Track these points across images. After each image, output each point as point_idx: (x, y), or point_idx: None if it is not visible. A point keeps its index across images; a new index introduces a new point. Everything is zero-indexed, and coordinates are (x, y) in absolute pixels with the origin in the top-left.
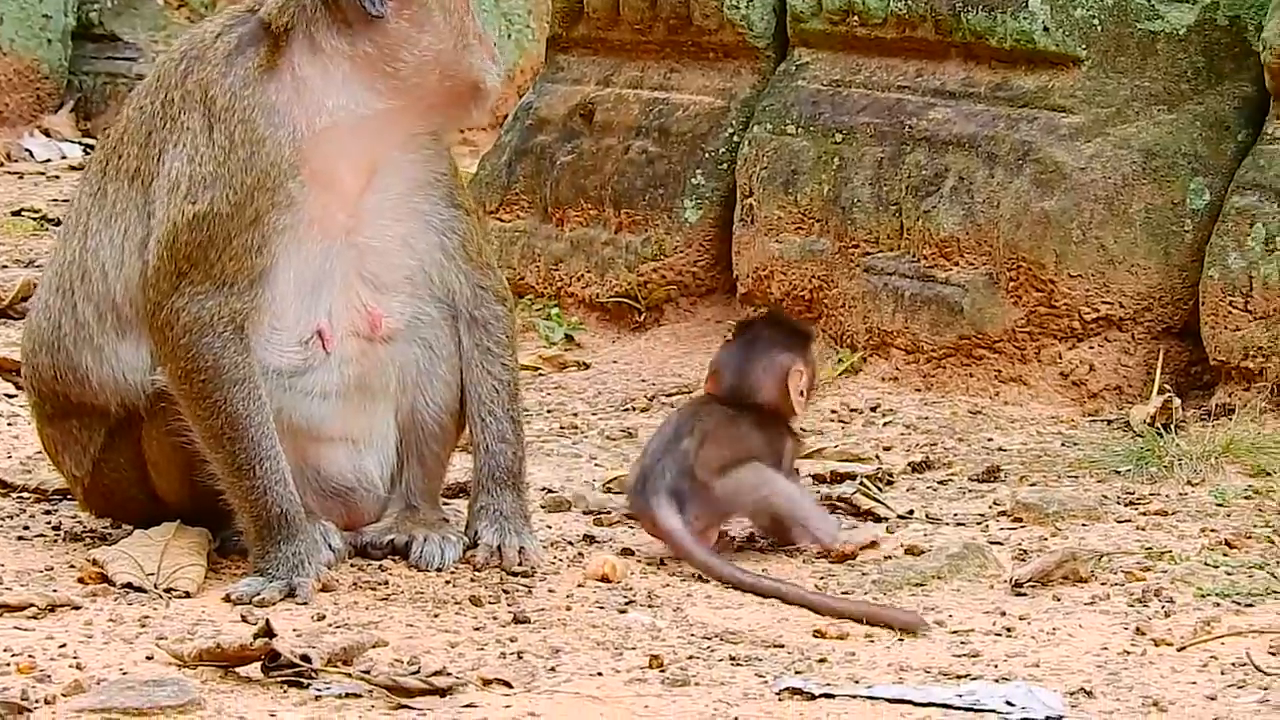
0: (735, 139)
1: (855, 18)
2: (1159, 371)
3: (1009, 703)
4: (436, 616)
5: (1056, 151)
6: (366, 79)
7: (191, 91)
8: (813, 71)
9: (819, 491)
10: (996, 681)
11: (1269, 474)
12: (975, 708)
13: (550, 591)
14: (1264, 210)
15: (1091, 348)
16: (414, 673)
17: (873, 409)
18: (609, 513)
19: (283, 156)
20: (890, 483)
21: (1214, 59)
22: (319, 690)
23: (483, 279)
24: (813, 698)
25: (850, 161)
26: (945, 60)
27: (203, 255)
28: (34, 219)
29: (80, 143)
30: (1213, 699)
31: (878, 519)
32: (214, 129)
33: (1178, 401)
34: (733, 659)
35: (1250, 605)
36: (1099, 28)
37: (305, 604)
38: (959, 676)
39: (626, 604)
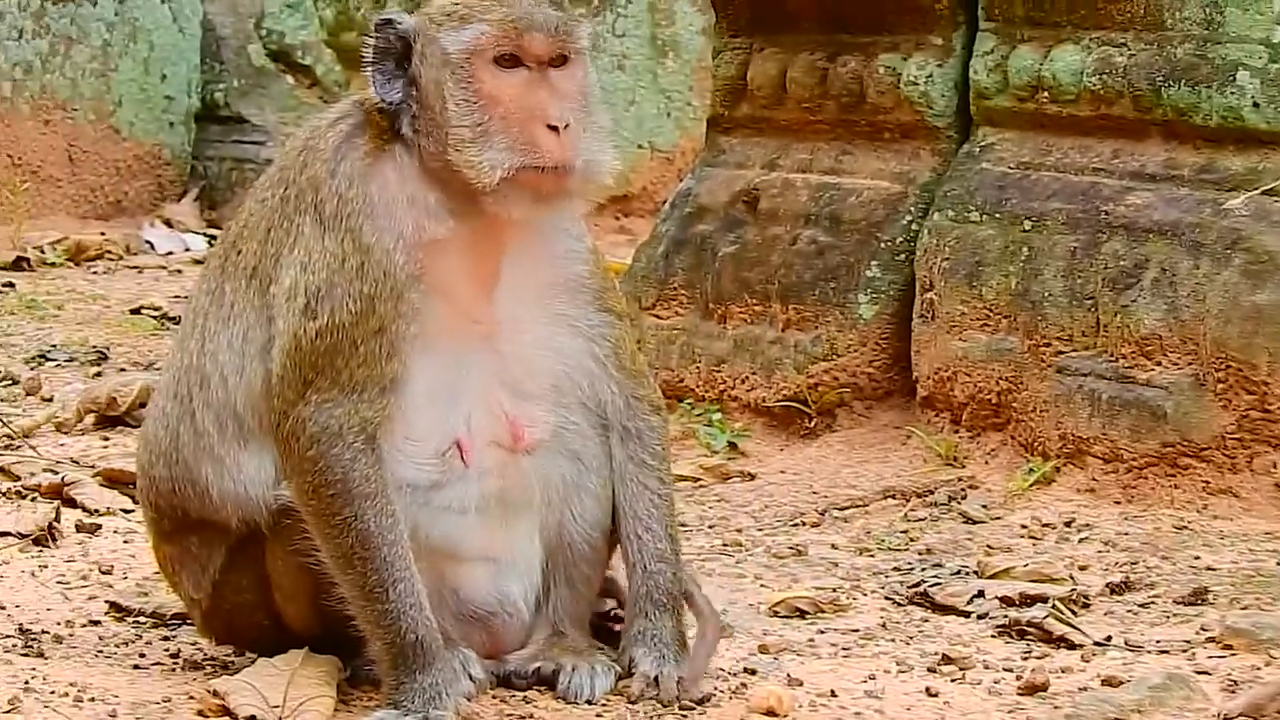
0: (914, 227)
1: (1045, 94)
2: None
3: None
4: None
5: (1269, 239)
6: (442, 172)
7: (304, 190)
8: (998, 153)
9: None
10: None
11: None
12: None
13: None
14: None
15: None
16: None
17: (1067, 524)
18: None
19: (395, 265)
20: (1086, 606)
21: None
22: None
23: (636, 389)
24: None
25: (1040, 251)
26: (1144, 140)
27: (329, 363)
28: (154, 317)
29: (204, 234)
30: None
31: (1072, 645)
32: (325, 236)
33: None
34: None
35: None
36: None
37: None
38: None
39: None
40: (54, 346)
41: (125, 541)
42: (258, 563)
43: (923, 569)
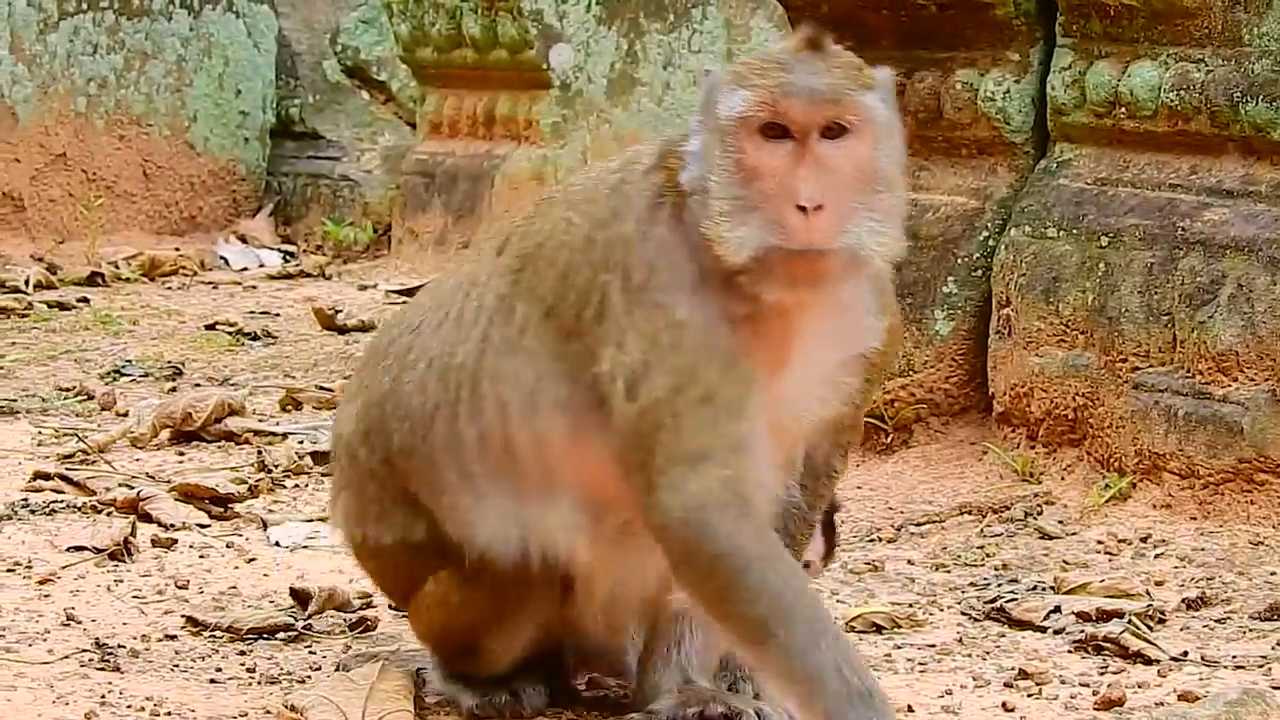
0: (990, 243)
1: (1122, 110)
2: None
3: None
4: None
5: None
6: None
7: (613, 244)
8: (1075, 169)
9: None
10: None
11: None
12: None
13: None
14: None
15: None
16: None
17: (1143, 539)
18: None
19: (715, 336)
20: (1162, 621)
21: None
22: None
23: (841, 436)
24: None
25: (1117, 267)
26: (1222, 156)
27: (655, 442)
28: (229, 333)
29: (279, 249)
30: None
31: (1148, 661)
32: (634, 311)
33: None
34: None
35: None
36: None
37: None
38: None
39: None
40: (129, 362)
41: (201, 556)
42: (411, 563)
43: (999, 584)
